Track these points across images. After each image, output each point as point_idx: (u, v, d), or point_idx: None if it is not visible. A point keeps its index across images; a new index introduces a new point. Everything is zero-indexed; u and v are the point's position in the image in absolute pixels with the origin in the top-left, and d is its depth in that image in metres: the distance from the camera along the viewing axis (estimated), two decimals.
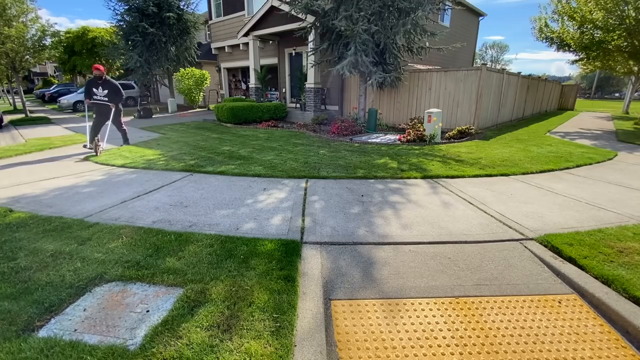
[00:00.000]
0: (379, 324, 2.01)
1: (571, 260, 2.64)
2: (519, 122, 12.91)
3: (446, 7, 10.88)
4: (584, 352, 1.81)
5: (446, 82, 9.57)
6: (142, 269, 2.45)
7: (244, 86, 18.49)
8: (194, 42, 16.77)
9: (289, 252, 2.71)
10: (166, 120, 13.02)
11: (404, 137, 8.12)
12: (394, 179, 4.97)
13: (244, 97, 15.05)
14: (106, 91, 6.96)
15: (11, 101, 21.34)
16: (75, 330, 1.88)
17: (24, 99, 15.45)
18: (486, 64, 9.32)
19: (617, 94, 57.09)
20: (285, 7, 10.25)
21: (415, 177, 5.03)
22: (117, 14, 14.90)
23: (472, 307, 2.15)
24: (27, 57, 13.60)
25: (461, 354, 1.79)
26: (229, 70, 18.72)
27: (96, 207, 3.76)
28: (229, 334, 1.82)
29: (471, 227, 3.30)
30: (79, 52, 22.80)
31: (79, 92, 17.99)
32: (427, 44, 9.96)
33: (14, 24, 12.19)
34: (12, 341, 1.75)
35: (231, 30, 15.84)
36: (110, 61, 21.45)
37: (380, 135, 9.09)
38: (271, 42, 14.17)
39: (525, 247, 2.92)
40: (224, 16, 16.42)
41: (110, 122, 7.00)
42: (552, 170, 5.52)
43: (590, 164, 5.96)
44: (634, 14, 11.24)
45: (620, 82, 55.28)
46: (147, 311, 2.03)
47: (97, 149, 6.54)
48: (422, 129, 8.16)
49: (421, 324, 2.01)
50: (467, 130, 8.49)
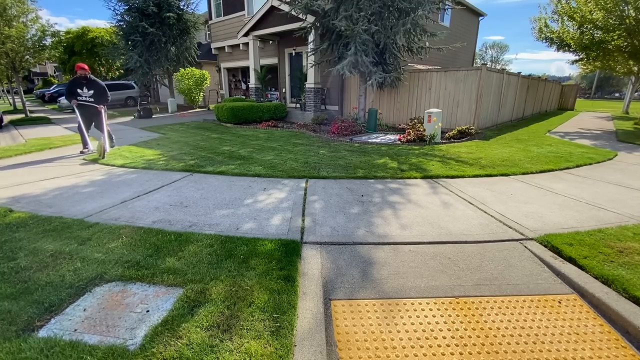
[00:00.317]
0: (379, 324, 2.01)
1: (571, 260, 2.64)
2: (519, 122, 12.91)
3: (446, 7, 10.87)
4: (584, 352, 1.81)
5: (446, 82, 9.57)
6: (142, 269, 2.45)
7: (244, 86, 18.49)
8: (194, 42, 16.78)
9: (288, 252, 2.71)
10: (166, 120, 13.02)
11: (404, 137, 8.12)
12: (394, 179, 4.97)
13: (244, 97, 15.05)
14: (92, 91, 6.65)
15: (11, 101, 21.35)
16: (75, 330, 1.88)
17: (24, 99, 15.46)
18: (486, 64, 9.32)
19: (617, 94, 57.10)
20: (285, 7, 10.25)
21: (415, 177, 5.03)
22: (117, 14, 14.94)
23: (472, 307, 2.15)
24: (27, 57, 13.62)
25: (461, 354, 1.79)
26: (229, 70, 18.73)
27: (96, 207, 3.76)
28: (229, 334, 1.82)
29: (471, 227, 3.30)
30: (79, 52, 22.78)
31: None
32: (427, 44, 9.96)
33: (14, 24, 12.21)
34: (12, 341, 1.75)
35: (231, 30, 15.84)
36: (110, 61, 21.45)
37: (380, 135, 9.09)
38: (271, 42, 14.17)
39: (525, 247, 2.92)
40: (224, 16, 16.42)
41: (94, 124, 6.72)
42: (552, 170, 5.52)
43: (590, 164, 5.96)
44: (634, 14, 11.24)
45: (620, 82, 55.30)
46: (147, 311, 2.03)
47: (104, 152, 6.31)
48: (422, 129, 8.16)
49: (421, 324, 2.01)
50: (467, 130, 8.49)
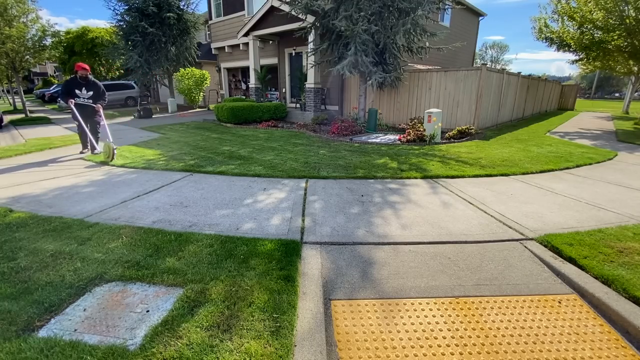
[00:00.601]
0: (379, 324, 2.01)
1: (571, 260, 2.64)
2: (519, 122, 12.91)
3: (446, 7, 10.88)
4: (584, 352, 1.81)
5: (446, 82, 9.57)
6: (142, 269, 2.45)
7: (244, 86, 18.49)
8: (194, 42, 16.78)
9: (288, 252, 2.71)
10: (166, 120, 13.02)
11: (404, 137, 8.12)
12: (394, 179, 4.97)
13: (244, 97, 15.05)
14: (91, 92, 6.58)
15: (11, 101, 21.36)
16: (75, 330, 1.88)
17: (24, 99, 15.46)
18: (486, 64, 9.32)
19: (617, 94, 57.09)
20: (285, 7, 10.25)
21: (415, 177, 5.03)
22: (117, 14, 14.94)
23: (472, 307, 2.15)
24: (27, 57, 13.63)
25: (461, 354, 1.79)
26: (229, 70, 18.72)
27: (96, 207, 3.76)
28: (229, 334, 1.82)
29: (471, 227, 3.30)
30: (79, 52, 22.79)
31: None
32: (427, 44, 9.96)
33: (15, 24, 12.21)
34: (12, 341, 1.75)
35: (231, 30, 15.84)
36: (110, 61, 21.46)
37: (380, 135, 9.09)
38: (271, 42, 14.17)
39: (525, 247, 2.92)
40: (224, 16, 16.42)
41: (92, 123, 6.57)
42: (552, 170, 5.52)
43: (590, 164, 5.96)
44: (634, 14, 11.24)
45: (620, 82, 55.29)
46: (147, 311, 2.03)
47: (113, 154, 6.06)
48: (422, 129, 8.16)
49: (421, 324, 2.01)
50: (467, 130, 8.49)
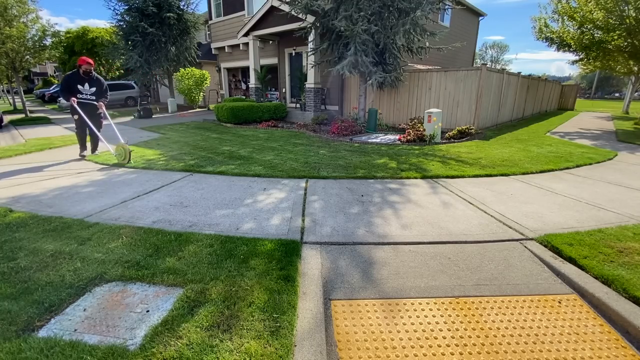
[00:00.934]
0: (379, 324, 2.01)
1: (571, 260, 2.64)
2: (519, 122, 12.91)
3: (446, 7, 10.89)
4: (584, 352, 1.81)
5: (446, 82, 9.57)
6: (142, 269, 2.45)
7: (244, 86, 18.50)
8: (194, 42, 16.77)
9: (288, 252, 2.71)
10: (166, 120, 13.02)
11: (404, 137, 8.12)
12: (394, 179, 4.97)
13: (244, 97, 15.05)
14: (94, 89, 6.07)
15: (11, 101, 21.36)
16: (75, 330, 1.88)
17: (24, 99, 15.46)
18: (486, 64, 9.32)
19: (617, 94, 57.12)
20: (285, 7, 10.25)
21: (415, 177, 5.03)
22: (117, 14, 14.94)
23: (472, 307, 2.15)
24: (28, 57, 13.63)
25: (461, 354, 1.79)
26: (229, 70, 18.73)
27: (96, 207, 3.76)
28: (229, 334, 1.82)
29: (471, 227, 3.30)
30: (79, 52, 22.74)
31: None
32: (427, 44, 9.96)
33: (15, 24, 12.21)
34: (12, 341, 1.75)
35: (231, 30, 15.84)
36: (110, 61, 21.47)
37: (380, 135, 9.09)
38: (271, 42, 14.17)
39: (525, 247, 2.91)
40: (224, 16, 16.42)
41: (91, 122, 6.03)
42: (552, 170, 5.52)
43: (590, 164, 5.96)
44: (634, 14, 11.24)
45: (620, 82, 55.31)
46: (147, 311, 2.03)
47: (129, 155, 5.64)
48: (422, 129, 8.16)
49: (421, 324, 2.01)
50: (467, 130, 8.49)
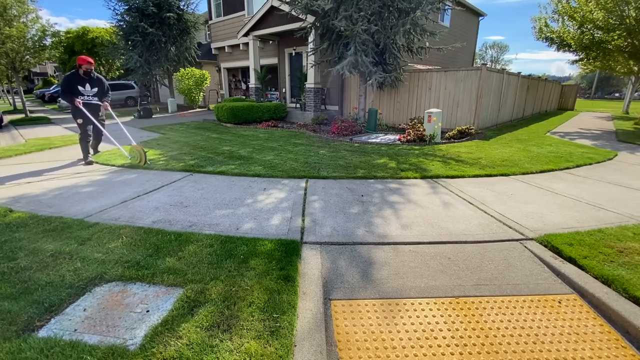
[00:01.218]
0: (378, 324, 2.01)
1: (571, 260, 2.64)
2: (519, 122, 12.91)
3: (446, 7, 10.90)
4: (584, 352, 1.81)
5: (446, 82, 9.57)
6: (142, 269, 2.45)
7: (244, 86, 18.49)
8: (194, 42, 16.78)
9: (288, 252, 2.71)
10: (166, 120, 13.02)
11: (404, 137, 8.12)
12: (393, 179, 4.97)
13: (244, 97, 15.05)
14: (95, 89, 5.89)
15: (11, 101, 21.37)
16: (75, 330, 1.88)
17: (24, 99, 15.46)
18: (486, 64, 9.32)
19: (617, 94, 57.10)
20: (285, 7, 10.25)
21: (415, 177, 5.03)
22: (117, 14, 14.94)
23: (472, 307, 2.15)
24: (28, 57, 13.63)
25: (461, 354, 1.79)
26: (229, 70, 18.72)
27: (96, 207, 3.76)
28: (229, 334, 1.82)
29: (471, 227, 3.30)
30: (79, 52, 22.70)
31: None
32: (427, 44, 9.96)
33: (15, 24, 12.21)
34: (12, 341, 1.75)
35: (231, 30, 15.84)
36: (110, 61, 21.47)
37: (380, 135, 9.09)
38: (271, 42, 14.17)
39: (525, 247, 2.91)
40: (224, 16, 16.42)
41: (94, 123, 5.87)
42: (552, 170, 5.52)
43: (590, 164, 5.96)
44: (634, 14, 11.24)
45: (620, 82, 55.30)
46: (147, 311, 2.03)
47: (145, 157, 5.48)
48: (422, 129, 8.16)
49: (421, 324, 2.01)
50: (467, 130, 8.49)
